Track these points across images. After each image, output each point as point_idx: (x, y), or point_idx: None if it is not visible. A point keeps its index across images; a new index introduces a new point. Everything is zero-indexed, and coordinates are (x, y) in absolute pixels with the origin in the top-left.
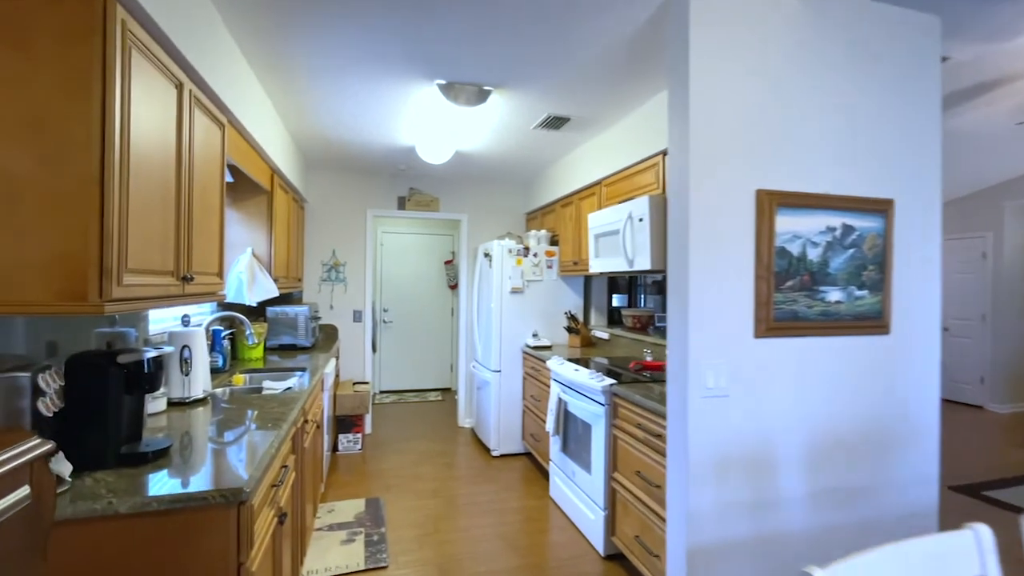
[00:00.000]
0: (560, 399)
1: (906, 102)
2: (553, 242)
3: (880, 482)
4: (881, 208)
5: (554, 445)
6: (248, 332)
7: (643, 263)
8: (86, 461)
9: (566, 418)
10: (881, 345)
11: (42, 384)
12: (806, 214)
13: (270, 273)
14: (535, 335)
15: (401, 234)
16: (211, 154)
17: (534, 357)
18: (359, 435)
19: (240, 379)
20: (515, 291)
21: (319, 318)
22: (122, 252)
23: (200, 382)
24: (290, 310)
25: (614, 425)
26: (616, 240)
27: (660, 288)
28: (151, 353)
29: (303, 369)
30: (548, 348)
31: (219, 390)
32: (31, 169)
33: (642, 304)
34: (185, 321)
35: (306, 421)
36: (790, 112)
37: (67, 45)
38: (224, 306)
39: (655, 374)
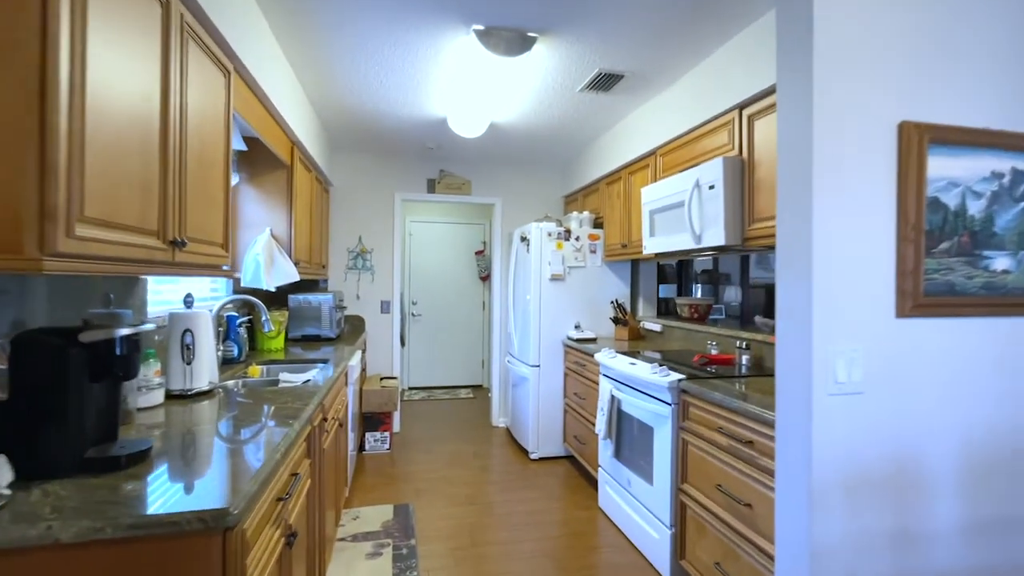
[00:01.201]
0: (612, 397)
1: None
2: (597, 224)
3: None
4: None
5: (604, 449)
6: (264, 318)
7: (714, 238)
8: (38, 467)
9: (619, 419)
10: None
11: None
12: (967, 154)
13: (290, 256)
14: (577, 327)
15: (430, 223)
16: (212, 101)
17: (578, 351)
18: (387, 434)
19: (256, 370)
20: (555, 278)
21: (344, 308)
22: (74, 192)
23: (205, 372)
24: (313, 298)
25: (683, 428)
26: (678, 214)
27: (711, 278)
28: (124, 331)
29: (325, 361)
30: (593, 341)
31: (231, 382)
32: None
33: (694, 294)
34: (188, 301)
35: (325, 419)
36: (945, 18)
37: None
38: (241, 291)
39: (722, 369)
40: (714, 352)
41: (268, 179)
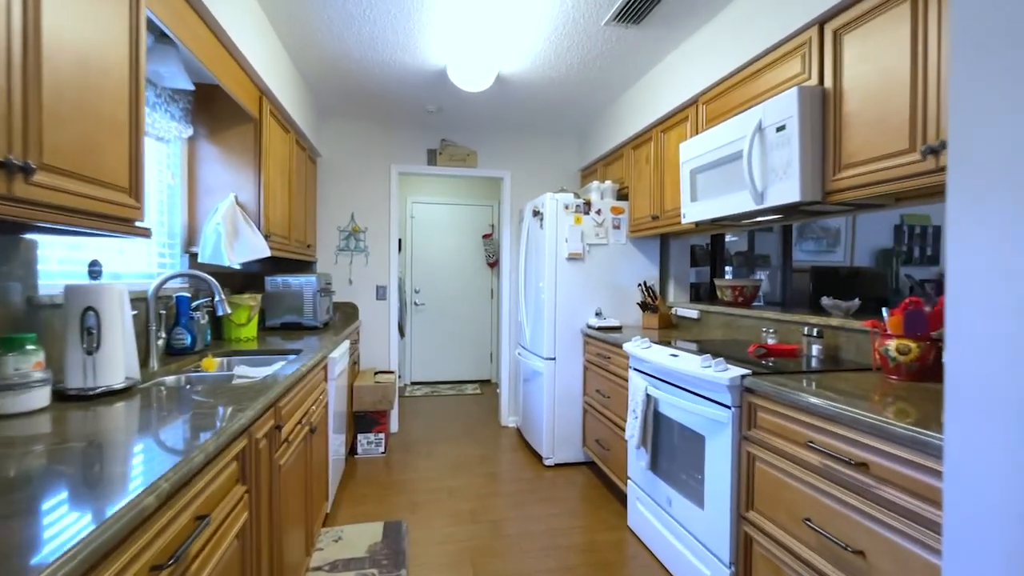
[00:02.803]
0: (648, 397)
1: None
2: (621, 196)
3: None
4: None
5: (637, 459)
6: (218, 299)
7: (783, 194)
8: None
9: (657, 423)
10: None
11: None
12: None
13: (259, 228)
14: (598, 314)
15: (434, 204)
16: None
17: (600, 341)
18: (382, 435)
19: (212, 363)
20: (573, 258)
21: (332, 292)
22: None
23: (117, 365)
24: (294, 281)
25: (747, 438)
26: (732, 170)
27: (746, 260)
28: None
29: (299, 352)
30: (617, 330)
31: (172, 378)
32: None
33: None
34: (93, 271)
35: (279, 427)
36: None
37: None
38: (198, 268)
39: (787, 362)
40: (771, 341)
41: (232, 135)
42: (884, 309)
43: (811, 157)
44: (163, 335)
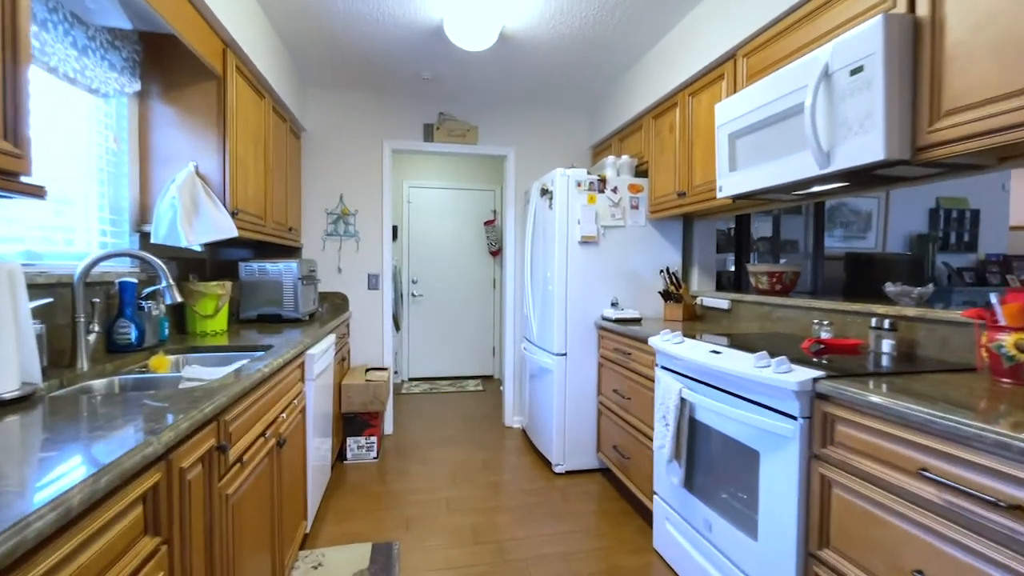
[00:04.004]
0: (683, 401)
1: None
2: (639, 172)
3: None
4: None
5: (668, 474)
6: (164, 284)
7: (861, 152)
8: None
9: (692, 431)
10: None
11: None
12: None
13: (225, 204)
14: (615, 304)
15: (432, 189)
16: None
17: (618, 335)
18: (374, 439)
19: (163, 362)
20: (586, 242)
21: (317, 280)
22: None
23: (11, 369)
24: (272, 267)
25: (820, 457)
26: (786, 129)
27: (772, 246)
28: None
29: (267, 348)
30: (636, 322)
31: (101, 382)
32: None
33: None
34: None
35: (221, 448)
36: None
37: None
38: (149, 249)
39: (844, 360)
40: (824, 335)
41: (191, 95)
42: (993, 296)
43: (899, 104)
44: (96, 329)
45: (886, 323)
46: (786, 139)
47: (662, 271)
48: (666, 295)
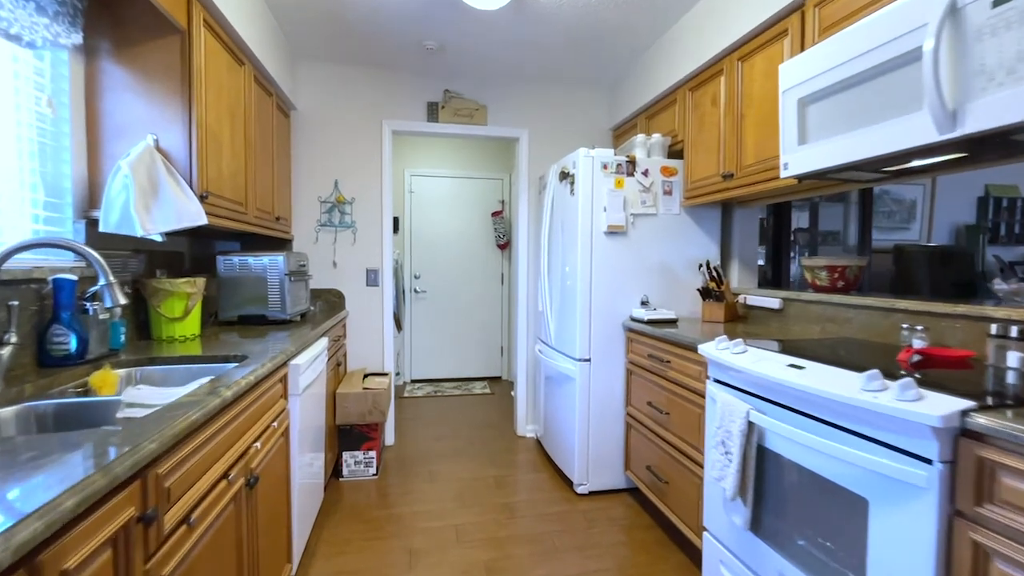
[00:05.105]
0: (751, 426)
1: None
2: (671, 153)
3: None
4: None
5: (728, 512)
6: (103, 283)
7: (1009, 107)
8: None
9: (762, 463)
10: None
11: None
12: None
13: (192, 186)
14: (645, 302)
15: (435, 177)
16: None
17: (652, 338)
18: (373, 453)
19: (108, 379)
20: (613, 232)
21: (308, 276)
22: None
23: None
24: (254, 261)
25: (967, 517)
26: (892, 83)
27: (809, 238)
28: None
29: (241, 359)
30: (672, 323)
31: (8, 410)
32: None
33: (795, 262)
34: None
35: (143, 519)
36: None
37: None
38: (109, 242)
39: (954, 376)
40: (920, 344)
41: (148, 52)
42: None
43: None
44: (14, 340)
45: (1013, 331)
46: (885, 99)
47: (701, 265)
48: (705, 292)
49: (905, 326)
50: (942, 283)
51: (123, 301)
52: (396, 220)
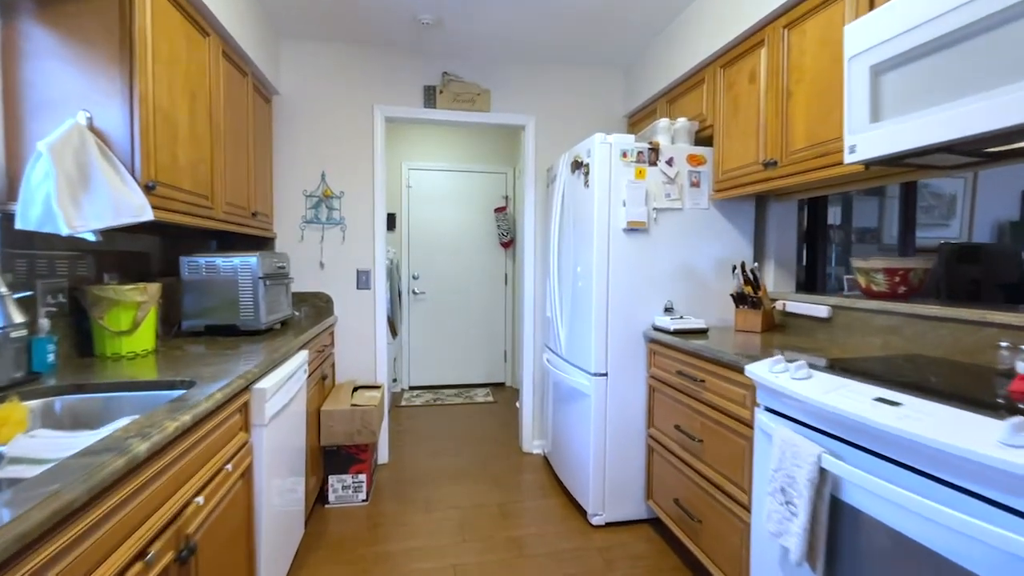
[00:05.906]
0: (823, 474)
1: None
2: (699, 140)
3: None
4: None
5: (789, 572)
6: None
7: None
8: None
9: (835, 520)
10: None
11: None
12: None
13: (134, 173)
14: (669, 309)
15: (434, 171)
16: None
17: (680, 352)
18: (363, 477)
19: (12, 415)
20: (634, 228)
21: (289, 279)
22: None
23: None
24: (222, 261)
25: None
26: (1004, 41)
27: (843, 234)
28: None
29: (188, 384)
30: (702, 333)
31: None
32: None
33: (831, 263)
34: None
35: None
36: None
37: None
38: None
39: None
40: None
41: (79, 13)
42: None
43: None
44: None
45: None
46: (996, 61)
47: (735, 267)
48: (739, 298)
49: (1004, 344)
50: (989, 285)
51: (19, 319)
52: (392, 217)
